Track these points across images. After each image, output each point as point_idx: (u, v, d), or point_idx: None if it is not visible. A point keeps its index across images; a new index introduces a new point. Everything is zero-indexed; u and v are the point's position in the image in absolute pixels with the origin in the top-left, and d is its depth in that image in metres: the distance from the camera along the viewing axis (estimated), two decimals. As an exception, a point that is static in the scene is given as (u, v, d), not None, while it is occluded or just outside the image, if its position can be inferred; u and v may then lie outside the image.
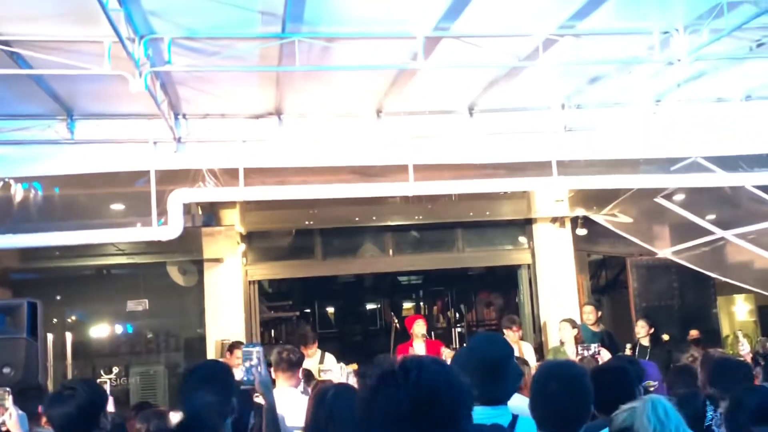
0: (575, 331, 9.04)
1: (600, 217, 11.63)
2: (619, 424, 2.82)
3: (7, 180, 8.01)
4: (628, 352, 9.02)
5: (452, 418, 1.84)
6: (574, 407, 2.95)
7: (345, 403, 3.83)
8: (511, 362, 3.89)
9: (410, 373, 1.81)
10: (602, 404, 3.37)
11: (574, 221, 11.91)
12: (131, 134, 7.82)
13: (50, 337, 10.56)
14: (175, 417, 5.73)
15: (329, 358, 8.74)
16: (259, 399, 4.17)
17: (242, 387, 3.86)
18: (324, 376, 6.72)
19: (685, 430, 2.75)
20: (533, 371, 8.58)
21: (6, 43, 5.73)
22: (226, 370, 3.87)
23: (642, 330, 9.69)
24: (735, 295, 16.12)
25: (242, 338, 10.20)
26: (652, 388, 5.90)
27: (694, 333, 11.67)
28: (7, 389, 4.53)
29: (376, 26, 6.04)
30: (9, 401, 4.45)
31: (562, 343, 9.17)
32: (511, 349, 3.93)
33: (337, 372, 7.02)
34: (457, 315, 17.52)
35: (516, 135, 8.49)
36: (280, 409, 4.07)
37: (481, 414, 3.48)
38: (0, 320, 6.88)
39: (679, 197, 10.54)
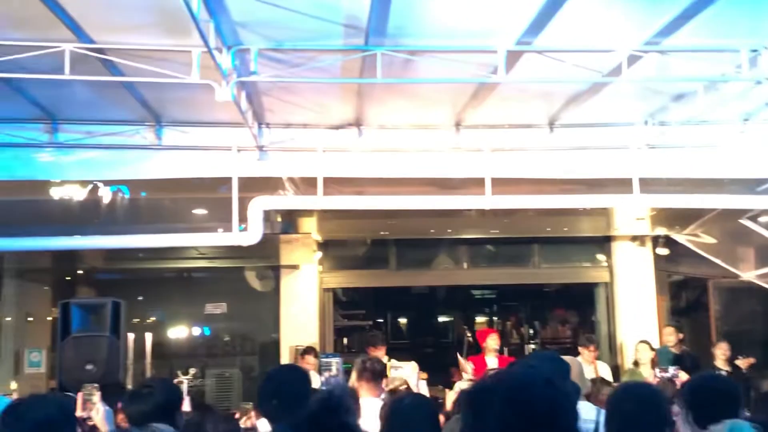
0: (652, 353, 8.85)
1: (682, 237, 11.37)
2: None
3: (96, 183, 8.31)
4: None
5: None
6: (648, 428, 2.91)
7: (422, 412, 3.84)
8: (566, 383, 3.85)
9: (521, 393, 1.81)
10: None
11: (655, 240, 11.68)
12: (215, 141, 8.01)
13: (131, 336, 10.89)
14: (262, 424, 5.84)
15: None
16: None
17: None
18: (395, 373, 6.65)
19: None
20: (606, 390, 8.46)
21: (100, 51, 5.97)
22: (303, 376, 3.91)
23: (722, 354, 9.40)
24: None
25: (316, 344, 10.32)
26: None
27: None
28: (95, 385, 4.71)
29: (458, 40, 6.05)
30: (97, 397, 4.63)
31: (637, 365, 8.98)
32: (569, 367, 3.89)
33: (408, 370, 6.97)
34: (531, 331, 17.32)
35: (597, 151, 8.36)
36: (364, 420, 4.07)
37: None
38: (85, 318, 7.15)
39: (765, 219, 10.23)
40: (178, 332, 12.82)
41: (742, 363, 9.36)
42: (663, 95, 7.59)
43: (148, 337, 11.07)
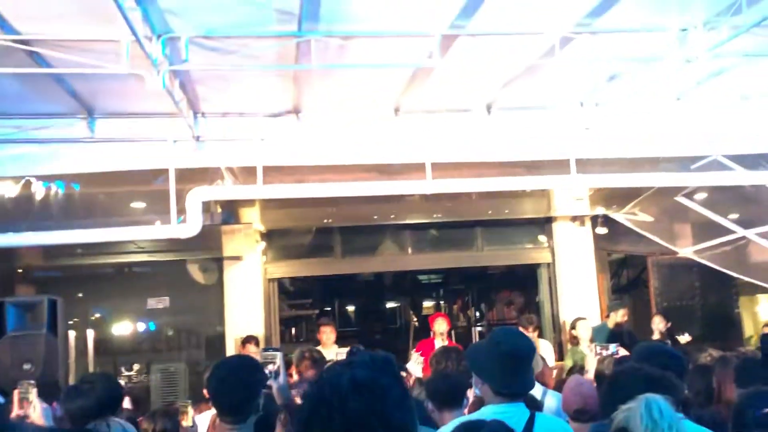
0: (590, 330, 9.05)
1: (620, 216, 11.57)
2: (616, 424, 2.82)
3: (28, 178, 8.10)
4: None
5: None
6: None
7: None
8: (533, 357, 3.91)
9: (332, 412, 1.72)
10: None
11: (595, 220, 11.87)
12: (151, 133, 7.86)
13: (72, 334, 10.67)
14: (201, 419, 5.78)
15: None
16: None
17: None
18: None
19: (679, 428, 2.73)
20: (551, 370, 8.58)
21: (25, 42, 5.80)
22: (254, 366, 3.87)
23: (656, 327, 9.60)
24: (758, 295, 15.95)
25: (261, 336, 10.26)
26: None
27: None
28: (32, 382, 4.61)
29: (392, 24, 6.04)
30: (33, 394, 4.53)
31: (576, 343, 9.13)
32: (530, 342, 3.95)
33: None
34: (477, 314, 17.50)
35: (535, 133, 8.46)
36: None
37: (497, 411, 3.48)
38: (20, 317, 6.98)
39: (701, 196, 10.47)
40: (121, 328, 12.60)
41: (682, 339, 9.59)
42: (597, 76, 7.69)
43: (90, 334, 10.89)
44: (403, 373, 6.40)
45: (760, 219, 10.29)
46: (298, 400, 3.96)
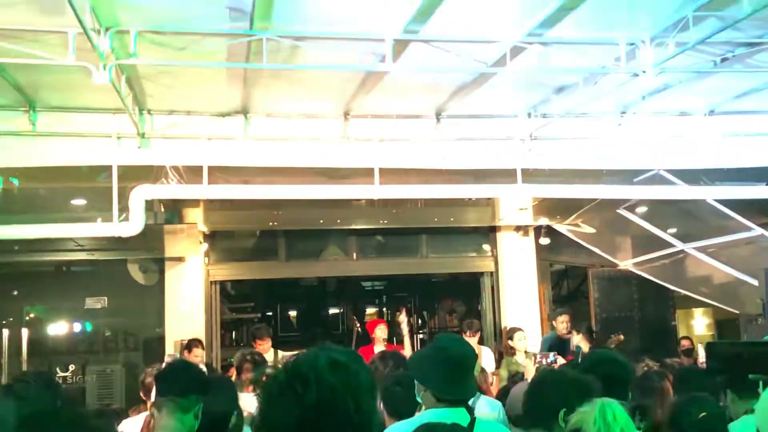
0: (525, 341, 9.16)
1: (563, 227, 11.73)
2: (570, 426, 2.85)
3: (-35, 171, 7.87)
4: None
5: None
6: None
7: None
8: (475, 363, 3.92)
9: (308, 386, 1.71)
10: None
11: (538, 230, 12.00)
12: (95, 128, 7.71)
13: (5, 332, 10.38)
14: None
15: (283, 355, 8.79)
16: None
17: None
18: None
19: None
20: (490, 377, 8.65)
21: (-34, 30, 5.63)
22: (195, 371, 3.86)
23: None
24: (694, 309, 16.32)
25: (202, 338, 10.10)
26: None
27: (685, 343, 11.66)
28: None
29: (346, 27, 6.02)
30: None
31: (513, 354, 9.18)
32: (471, 349, 3.96)
33: None
34: (420, 321, 17.53)
35: (482, 142, 8.53)
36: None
37: (439, 415, 3.49)
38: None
39: (642, 209, 10.67)
40: (57, 328, 12.29)
41: (613, 342, 9.69)
42: (545, 87, 7.79)
43: (24, 333, 10.61)
44: None
45: (698, 233, 10.54)
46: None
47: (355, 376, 1.75)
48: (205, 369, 6.19)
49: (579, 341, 9.25)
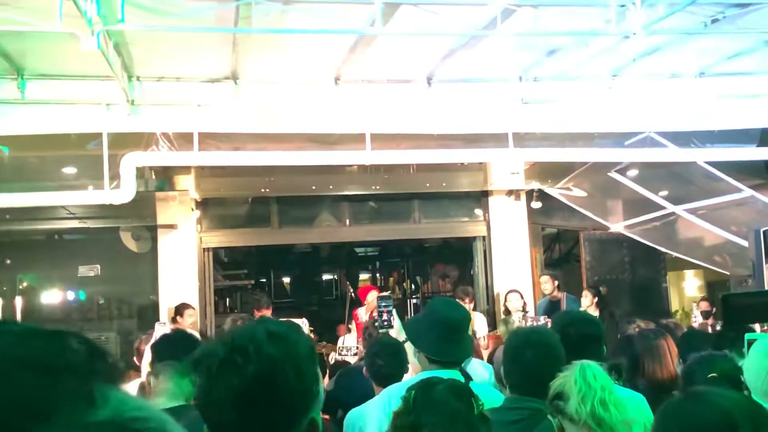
0: (522, 302, 9.23)
1: (555, 191, 11.76)
2: (553, 390, 2.91)
3: (-46, 140, 7.83)
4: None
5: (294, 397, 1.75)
6: (549, 373, 3.02)
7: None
8: (468, 326, 3.97)
9: (248, 358, 1.70)
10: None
11: (530, 194, 12.04)
12: (84, 96, 7.64)
13: (-1, 301, 10.39)
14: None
15: None
16: None
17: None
18: None
19: (613, 390, 2.85)
20: (482, 341, 8.74)
21: (-48, -4, 5.57)
22: (191, 337, 3.92)
23: (586, 300, 9.85)
24: (685, 271, 16.46)
25: (195, 306, 10.15)
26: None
27: (704, 305, 11.66)
28: None
29: (335, -10, 5.98)
30: None
31: (508, 314, 9.30)
32: (469, 314, 4.01)
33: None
34: (413, 286, 17.64)
35: (473, 106, 8.50)
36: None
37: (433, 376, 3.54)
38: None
39: (633, 172, 10.70)
40: (51, 296, 12.34)
41: (603, 289, 9.91)
42: (536, 51, 7.75)
43: (18, 302, 10.63)
44: None
45: (689, 196, 10.59)
46: None
47: (294, 345, 1.76)
48: (198, 335, 6.24)
49: (587, 306, 9.42)
